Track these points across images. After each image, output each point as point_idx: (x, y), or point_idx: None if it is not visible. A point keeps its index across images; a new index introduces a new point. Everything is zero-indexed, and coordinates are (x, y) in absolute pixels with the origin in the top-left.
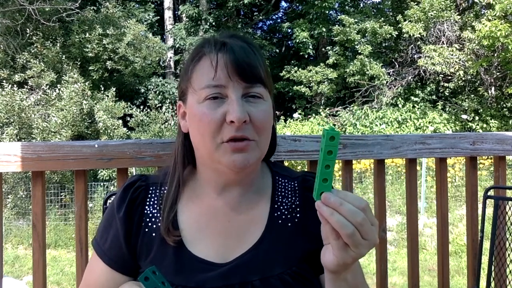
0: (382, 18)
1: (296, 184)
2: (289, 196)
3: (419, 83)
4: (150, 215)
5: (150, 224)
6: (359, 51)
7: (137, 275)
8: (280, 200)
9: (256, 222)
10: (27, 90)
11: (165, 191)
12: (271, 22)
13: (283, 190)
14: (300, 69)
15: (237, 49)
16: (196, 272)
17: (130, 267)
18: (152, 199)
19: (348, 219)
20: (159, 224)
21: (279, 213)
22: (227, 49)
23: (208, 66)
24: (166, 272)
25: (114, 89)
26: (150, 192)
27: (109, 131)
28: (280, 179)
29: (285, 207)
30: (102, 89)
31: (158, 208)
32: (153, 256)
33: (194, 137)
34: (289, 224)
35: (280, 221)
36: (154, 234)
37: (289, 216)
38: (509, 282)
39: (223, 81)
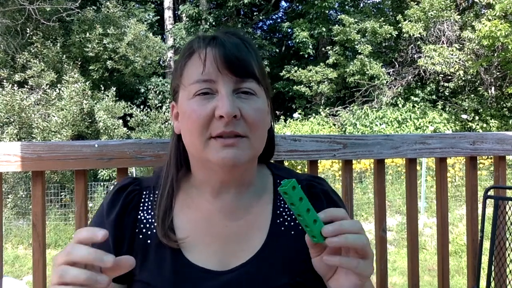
0: (382, 18)
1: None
2: None
3: (419, 83)
4: (144, 221)
5: (144, 230)
6: (359, 51)
7: (126, 282)
8: (282, 205)
9: (257, 228)
10: (27, 89)
11: (158, 195)
12: (271, 22)
13: None
14: (300, 69)
15: (227, 44)
16: (194, 281)
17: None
18: (146, 204)
19: (354, 231)
20: (154, 231)
21: (281, 219)
22: (217, 43)
23: (198, 61)
24: (163, 280)
25: (114, 89)
26: (144, 196)
27: (109, 131)
28: (281, 182)
29: (288, 213)
30: (102, 88)
31: (152, 213)
32: (149, 264)
33: (184, 136)
34: (292, 232)
35: (283, 228)
36: (149, 241)
37: (292, 223)
38: (509, 282)
39: (212, 75)
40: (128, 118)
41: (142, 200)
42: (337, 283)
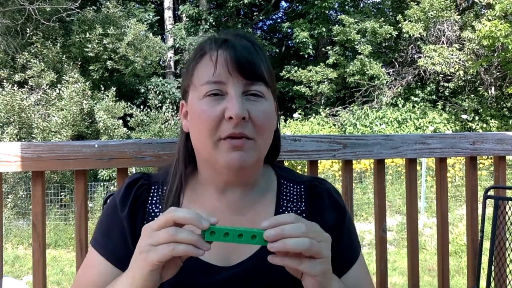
0: (382, 18)
1: (302, 189)
2: (294, 201)
3: (419, 83)
4: (153, 214)
5: None
6: (359, 51)
7: None
8: (285, 204)
9: (259, 226)
10: (27, 90)
11: (166, 191)
12: (271, 22)
13: (288, 194)
14: (300, 69)
15: (238, 47)
16: (196, 274)
17: None
18: (155, 198)
19: (297, 235)
20: None
21: None
22: (228, 45)
23: (209, 62)
24: None
25: (114, 89)
26: (152, 191)
27: (109, 131)
28: (285, 182)
29: (290, 212)
30: (102, 89)
31: (160, 207)
32: None
33: (193, 135)
34: None
35: None
36: None
37: None
38: (509, 282)
39: (223, 77)
40: (128, 118)
41: (151, 194)
42: (304, 283)
